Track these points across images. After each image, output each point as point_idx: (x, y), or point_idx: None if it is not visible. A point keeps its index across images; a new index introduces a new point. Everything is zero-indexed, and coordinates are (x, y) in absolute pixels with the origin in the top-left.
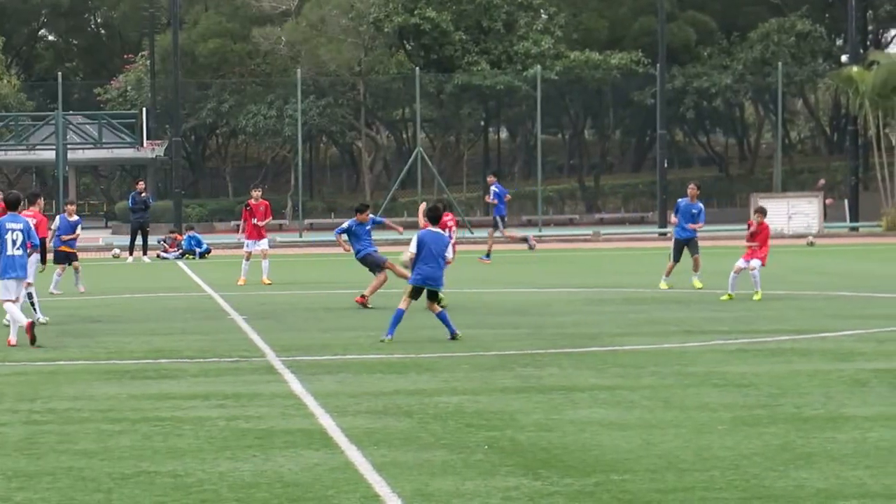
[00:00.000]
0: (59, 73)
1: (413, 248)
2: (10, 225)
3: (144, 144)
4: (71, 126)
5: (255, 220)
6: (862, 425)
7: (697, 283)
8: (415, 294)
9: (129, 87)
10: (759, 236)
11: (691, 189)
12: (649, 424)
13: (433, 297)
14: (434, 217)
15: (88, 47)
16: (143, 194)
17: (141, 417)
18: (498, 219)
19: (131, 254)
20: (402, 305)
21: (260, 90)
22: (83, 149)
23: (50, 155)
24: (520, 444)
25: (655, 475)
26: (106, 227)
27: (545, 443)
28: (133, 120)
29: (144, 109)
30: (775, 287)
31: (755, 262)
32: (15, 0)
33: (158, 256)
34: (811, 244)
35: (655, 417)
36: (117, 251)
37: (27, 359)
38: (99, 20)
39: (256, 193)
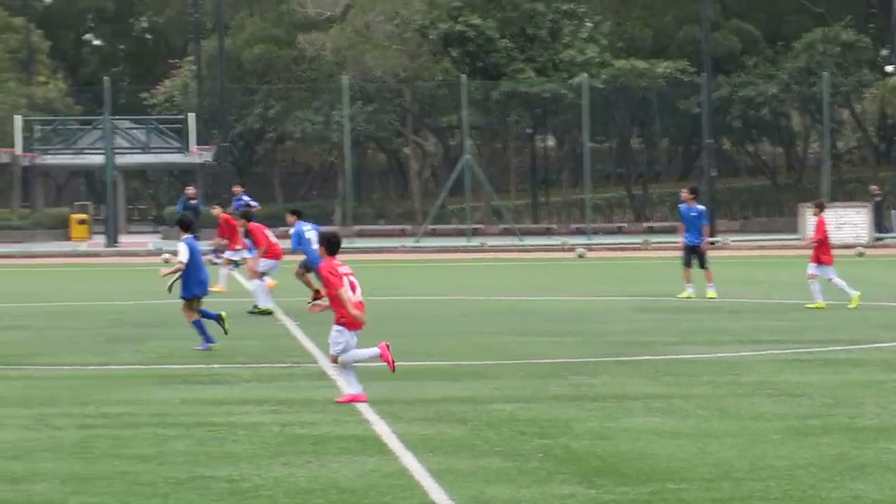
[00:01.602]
0: (107, 78)
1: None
2: None
3: (192, 149)
4: (118, 130)
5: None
6: None
7: (711, 294)
8: None
9: (175, 92)
10: (817, 231)
11: (684, 194)
12: (704, 433)
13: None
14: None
15: (134, 52)
16: (194, 200)
17: (195, 422)
18: None
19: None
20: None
21: (306, 96)
22: (131, 153)
23: (98, 159)
24: (574, 452)
25: (711, 484)
26: (155, 231)
27: (600, 451)
28: (180, 125)
29: (192, 114)
30: (825, 297)
31: (829, 271)
32: (61, 4)
33: (211, 262)
34: (861, 254)
35: (710, 426)
36: (167, 256)
37: (80, 363)
38: (144, 25)
39: (216, 211)
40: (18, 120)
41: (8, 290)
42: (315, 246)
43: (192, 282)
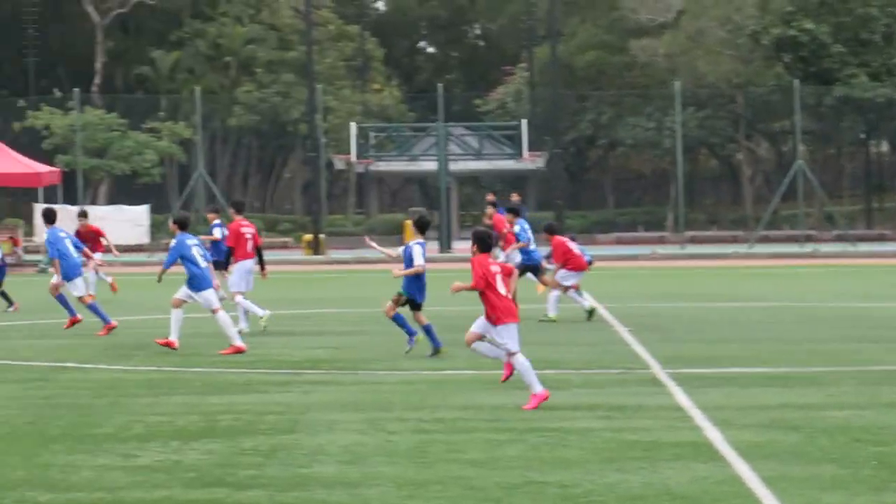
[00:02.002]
0: (440, 85)
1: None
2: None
3: (525, 156)
4: (452, 137)
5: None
6: None
7: None
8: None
9: (508, 99)
10: None
11: None
12: None
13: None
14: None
15: (467, 59)
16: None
17: (527, 427)
18: None
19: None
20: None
21: (638, 102)
22: (464, 159)
23: (432, 166)
24: None
25: None
26: None
27: None
28: (513, 131)
29: (524, 121)
30: None
31: None
32: (395, 13)
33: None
34: None
35: None
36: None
37: (415, 368)
38: (477, 32)
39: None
40: (353, 127)
41: (345, 296)
42: (533, 245)
43: (414, 286)
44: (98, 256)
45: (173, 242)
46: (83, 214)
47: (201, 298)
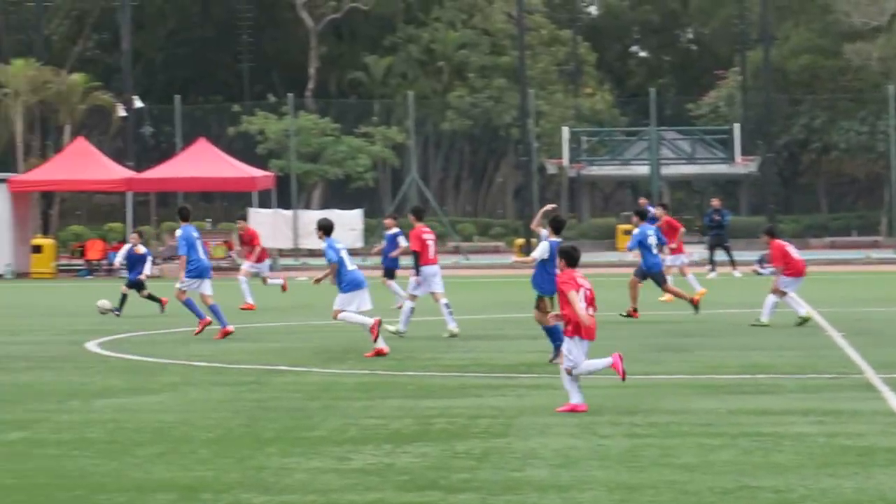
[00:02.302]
0: (652, 90)
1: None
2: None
3: (737, 160)
4: (664, 141)
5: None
6: None
7: None
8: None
9: (720, 103)
10: None
11: None
12: None
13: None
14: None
15: (680, 63)
16: (718, 213)
17: (740, 432)
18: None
19: (713, 269)
20: None
21: (851, 106)
22: (676, 164)
23: (644, 170)
24: None
25: None
26: (700, 242)
27: None
28: (726, 135)
29: (736, 125)
30: None
31: None
32: (607, 17)
33: (755, 272)
34: None
35: None
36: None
37: (629, 371)
38: (690, 36)
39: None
40: (565, 131)
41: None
42: (655, 250)
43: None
44: (246, 265)
45: (324, 245)
46: (243, 218)
47: (359, 300)
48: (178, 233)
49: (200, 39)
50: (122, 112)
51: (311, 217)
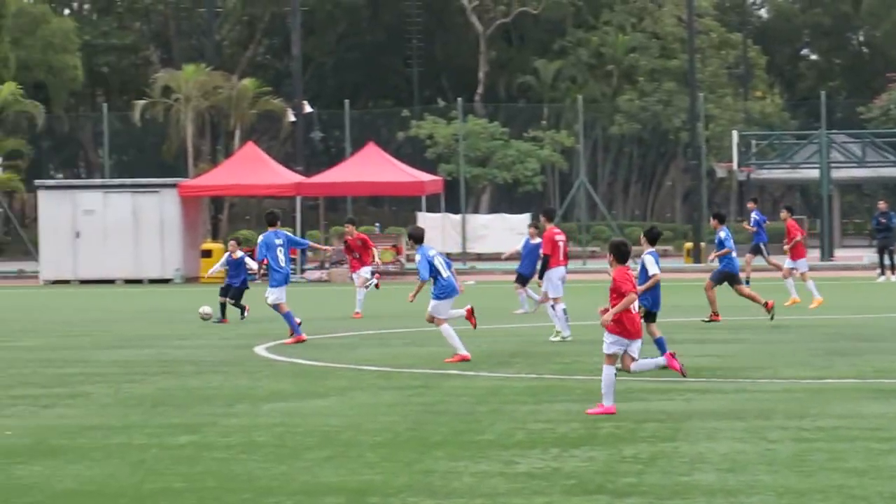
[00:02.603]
0: (823, 93)
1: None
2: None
3: None
4: (834, 145)
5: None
6: None
7: None
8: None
9: (892, 106)
10: None
11: None
12: None
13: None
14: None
15: (850, 66)
16: (884, 216)
17: None
18: (761, 245)
19: (882, 273)
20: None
21: None
22: (847, 167)
23: (814, 173)
24: None
25: None
26: (870, 245)
27: None
28: None
29: None
30: None
31: None
32: (778, 20)
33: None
34: None
35: None
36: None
37: (796, 376)
38: (861, 39)
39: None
40: (735, 135)
41: (732, 304)
42: (734, 254)
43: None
44: (364, 272)
45: (418, 257)
46: (351, 222)
47: (450, 307)
48: (259, 238)
49: (370, 44)
50: (291, 117)
51: (480, 221)
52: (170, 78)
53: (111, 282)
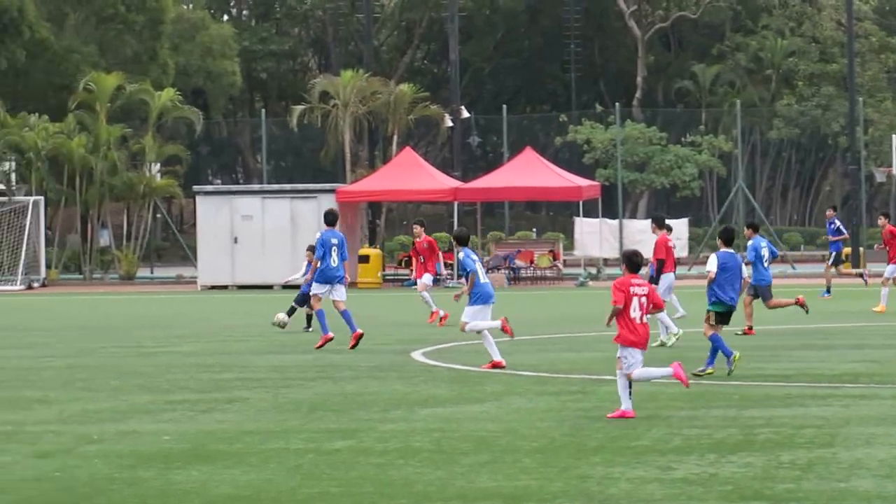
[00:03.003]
0: None
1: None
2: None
3: None
4: None
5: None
6: None
7: None
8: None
9: None
10: None
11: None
12: None
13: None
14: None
15: None
16: None
17: None
18: (834, 254)
19: None
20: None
21: None
22: None
23: None
24: None
25: None
26: None
27: None
28: None
29: None
30: None
31: None
32: None
33: None
34: None
35: None
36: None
37: None
38: None
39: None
40: (894, 139)
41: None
42: (766, 264)
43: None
44: (427, 279)
45: (462, 255)
46: (420, 223)
47: (483, 314)
48: (317, 235)
49: (528, 49)
50: (449, 122)
51: (637, 226)
52: (328, 83)
53: (269, 287)
